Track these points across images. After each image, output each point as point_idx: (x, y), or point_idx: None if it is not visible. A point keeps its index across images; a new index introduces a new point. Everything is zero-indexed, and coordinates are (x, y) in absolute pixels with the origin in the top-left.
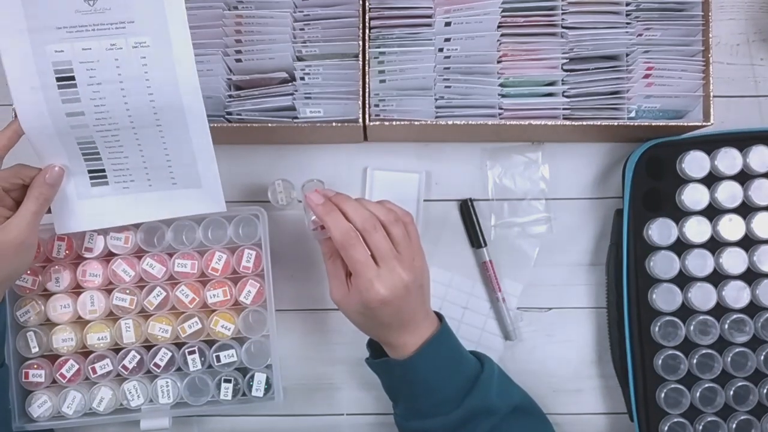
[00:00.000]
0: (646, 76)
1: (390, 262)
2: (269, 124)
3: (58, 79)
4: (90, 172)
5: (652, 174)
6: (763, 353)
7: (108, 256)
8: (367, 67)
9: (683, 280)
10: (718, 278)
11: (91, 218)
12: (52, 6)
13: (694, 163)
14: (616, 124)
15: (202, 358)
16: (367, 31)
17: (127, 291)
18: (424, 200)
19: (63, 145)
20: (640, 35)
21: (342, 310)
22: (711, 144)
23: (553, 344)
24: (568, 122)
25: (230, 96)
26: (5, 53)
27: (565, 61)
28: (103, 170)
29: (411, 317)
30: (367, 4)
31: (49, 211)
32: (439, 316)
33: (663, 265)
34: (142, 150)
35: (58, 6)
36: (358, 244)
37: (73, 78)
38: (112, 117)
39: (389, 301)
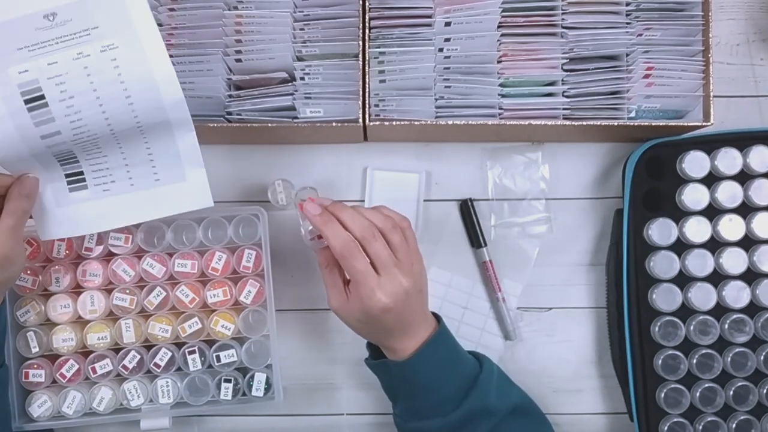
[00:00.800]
0: (646, 76)
1: (391, 270)
2: (269, 124)
3: (27, 101)
4: (67, 176)
5: (652, 174)
6: (763, 353)
7: (108, 256)
8: (367, 67)
9: (683, 280)
10: (718, 278)
11: (73, 225)
12: (9, 31)
13: (694, 163)
14: (616, 124)
15: (202, 358)
16: (367, 31)
17: (127, 291)
18: (424, 200)
19: (39, 162)
20: (640, 35)
21: (341, 318)
22: (711, 144)
23: (553, 344)
24: (568, 122)
25: (230, 96)
26: None
27: (565, 61)
28: (81, 173)
29: (411, 321)
30: (367, 4)
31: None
32: (437, 317)
33: (663, 265)
34: (122, 149)
35: (16, 29)
36: (358, 254)
37: (42, 97)
38: (90, 129)
39: (391, 308)
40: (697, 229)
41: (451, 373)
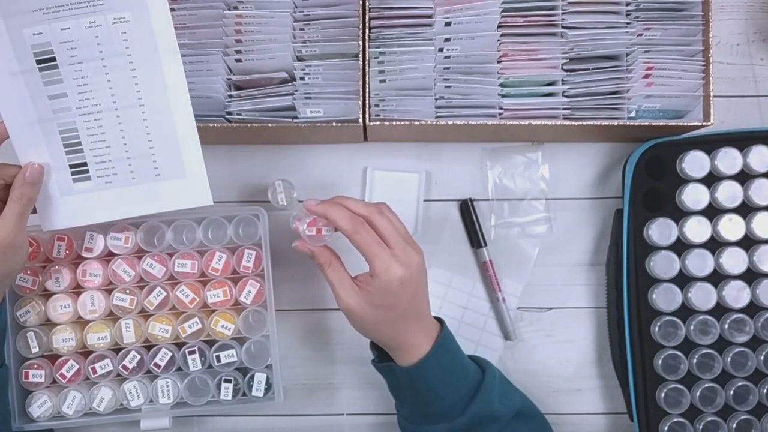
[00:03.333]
0: (646, 76)
1: (400, 242)
2: (269, 124)
3: (39, 62)
4: (71, 166)
5: (652, 174)
6: (763, 353)
7: (108, 256)
8: (367, 67)
9: (683, 280)
10: (718, 278)
11: (76, 214)
12: None
13: (694, 163)
14: (616, 124)
15: (203, 358)
16: (367, 31)
17: (127, 291)
18: (424, 200)
19: (44, 135)
20: (640, 35)
21: (354, 314)
22: (711, 144)
23: (553, 344)
24: (568, 122)
25: (230, 96)
26: None
27: (565, 61)
28: (85, 164)
29: (423, 306)
30: (367, 4)
31: (34, 210)
32: (440, 321)
33: (663, 265)
34: (124, 136)
35: None
36: (368, 227)
37: (54, 59)
38: (95, 97)
39: (407, 280)
40: (697, 229)
41: (456, 380)
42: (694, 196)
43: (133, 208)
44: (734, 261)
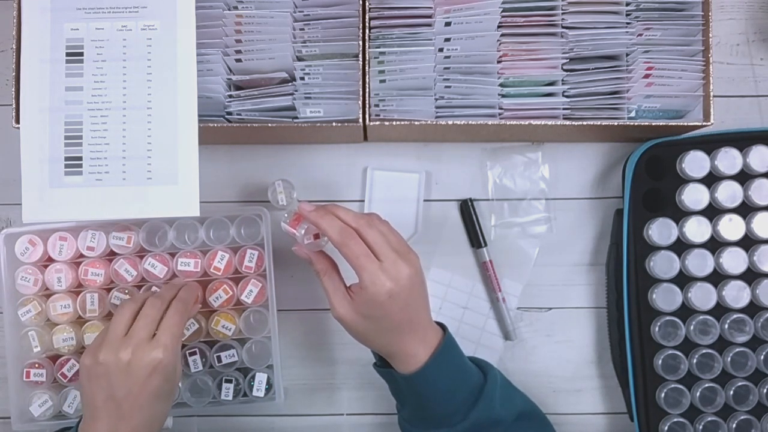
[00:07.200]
0: (646, 76)
1: (390, 255)
2: (269, 124)
3: (68, 54)
4: (66, 159)
5: (652, 174)
6: (763, 353)
7: (110, 256)
8: (367, 67)
9: (683, 280)
10: (718, 278)
11: (60, 208)
12: None
13: (694, 163)
14: (616, 124)
15: (203, 359)
16: (367, 31)
17: (126, 291)
18: (424, 200)
19: (50, 125)
20: (640, 35)
21: (347, 323)
22: (711, 144)
23: (553, 344)
24: (568, 122)
25: (230, 96)
26: (26, 27)
27: (565, 61)
28: (80, 158)
29: (417, 317)
30: (367, 4)
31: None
32: (443, 327)
33: (663, 265)
34: (125, 136)
35: None
36: (358, 239)
37: (81, 54)
38: (108, 94)
39: (396, 293)
40: (697, 229)
41: (457, 386)
42: (694, 196)
43: (118, 209)
44: (734, 261)
